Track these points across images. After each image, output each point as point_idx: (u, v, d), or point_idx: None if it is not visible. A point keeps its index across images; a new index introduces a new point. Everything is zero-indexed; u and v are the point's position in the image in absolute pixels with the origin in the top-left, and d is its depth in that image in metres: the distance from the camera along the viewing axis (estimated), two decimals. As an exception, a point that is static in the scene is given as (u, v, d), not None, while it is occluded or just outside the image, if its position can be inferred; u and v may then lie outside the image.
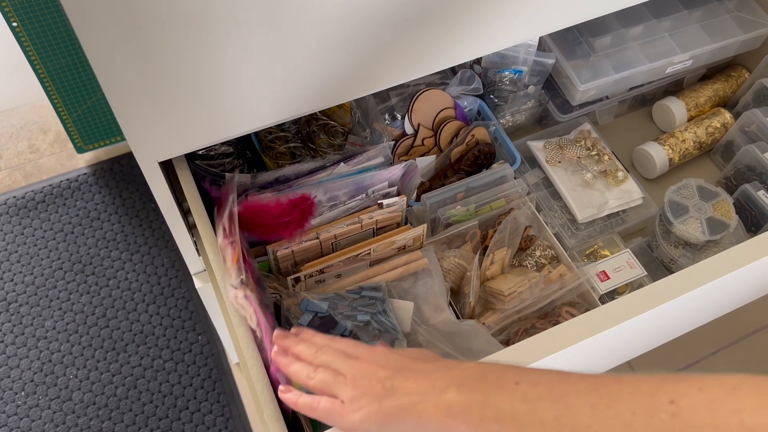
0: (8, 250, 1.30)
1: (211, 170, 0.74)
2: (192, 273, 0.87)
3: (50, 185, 1.39)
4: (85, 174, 1.40)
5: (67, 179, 1.39)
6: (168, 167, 0.71)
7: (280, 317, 0.71)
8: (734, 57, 1.00)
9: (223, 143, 0.80)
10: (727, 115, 0.95)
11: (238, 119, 0.65)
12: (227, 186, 0.68)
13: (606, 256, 0.83)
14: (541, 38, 0.90)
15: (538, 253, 0.83)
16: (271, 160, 0.82)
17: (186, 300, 1.25)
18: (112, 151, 1.44)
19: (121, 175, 1.41)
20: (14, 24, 1.10)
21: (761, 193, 0.84)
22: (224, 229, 0.66)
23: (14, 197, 1.37)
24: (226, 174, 0.71)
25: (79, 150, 1.39)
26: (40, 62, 1.17)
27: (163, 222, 1.34)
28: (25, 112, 1.50)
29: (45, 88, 1.22)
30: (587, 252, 0.85)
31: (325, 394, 0.51)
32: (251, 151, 0.82)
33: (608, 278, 0.80)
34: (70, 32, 1.14)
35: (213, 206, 0.71)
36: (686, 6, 0.91)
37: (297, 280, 0.73)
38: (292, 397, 0.54)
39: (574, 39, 0.88)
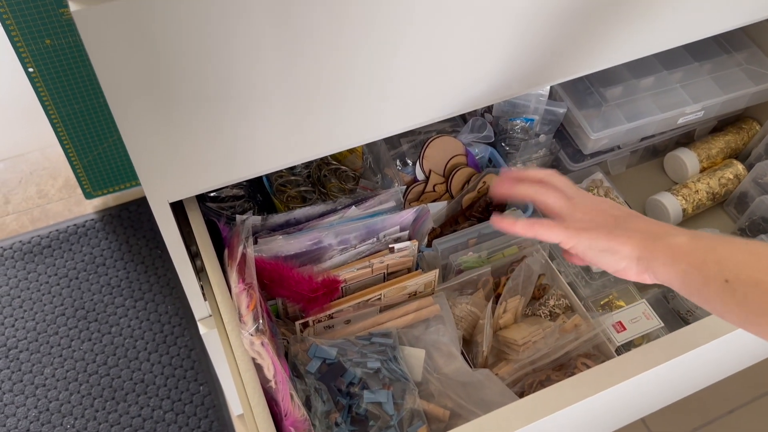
0: (11, 294, 1.29)
1: (222, 212, 0.74)
2: (197, 318, 0.85)
3: (57, 230, 1.38)
4: (92, 219, 1.40)
5: (74, 224, 1.39)
6: (178, 210, 0.70)
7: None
8: (745, 109, 1.00)
9: (233, 186, 0.80)
10: (739, 167, 0.94)
11: (250, 162, 0.64)
12: (238, 227, 0.67)
13: (621, 306, 0.81)
14: (552, 87, 0.90)
15: (552, 303, 0.81)
16: (281, 204, 0.82)
17: (189, 349, 1.22)
18: (121, 198, 1.44)
19: (128, 221, 1.40)
20: (30, 69, 1.11)
21: (778, 244, 0.82)
22: (240, 273, 0.65)
23: (20, 242, 1.36)
24: (237, 216, 0.70)
25: (88, 196, 1.39)
26: (53, 107, 1.18)
27: (169, 269, 1.33)
28: (36, 158, 1.51)
29: (57, 133, 1.23)
30: (602, 302, 0.83)
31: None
32: (262, 194, 0.82)
33: (624, 329, 0.78)
34: (84, 79, 1.15)
35: (222, 250, 0.70)
36: (696, 58, 0.92)
37: (305, 325, 0.71)
38: (508, 220, 0.57)
39: (585, 89, 0.89)
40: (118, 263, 1.35)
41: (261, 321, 0.60)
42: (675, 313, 0.83)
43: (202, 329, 0.86)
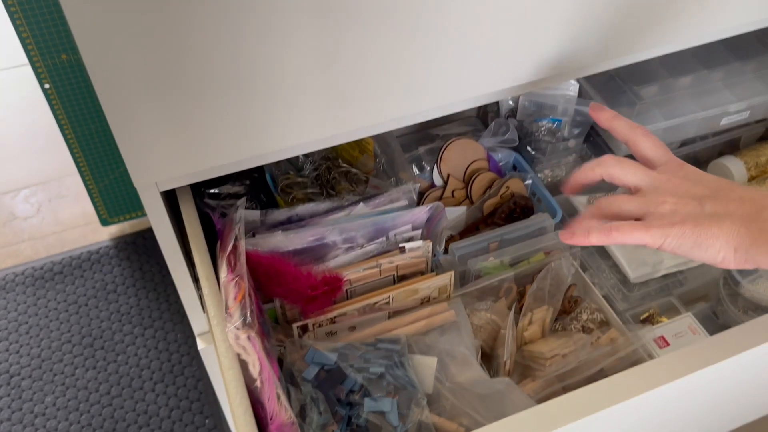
0: (18, 321, 1.24)
1: (218, 206, 0.68)
2: (196, 333, 0.78)
3: (70, 257, 1.34)
4: (107, 246, 1.36)
5: (88, 251, 1.35)
6: (174, 208, 0.65)
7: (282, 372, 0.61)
8: (796, 116, 0.92)
9: (235, 183, 0.74)
10: (793, 175, 0.85)
11: (250, 144, 0.59)
12: (231, 215, 0.61)
13: (663, 322, 0.72)
14: (581, 88, 0.84)
15: (584, 317, 0.72)
16: (286, 205, 0.76)
17: (196, 380, 1.15)
18: (137, 225, 1.41)
19: (143, 248, 1.36)
20: (46, 86, 1.10)
21: (844, 254, 0.73)
22: (229, 263, 0.58)
23: (33, 268, 1.32)
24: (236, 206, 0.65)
25: (104, 222, 1.36)
26: (69, 127, 1.16)
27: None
28: (55, 187, 1.49)
29: (73, 154, 1.21)
30: (642, 317, 0.74)
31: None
32: (266, 194, 0.76)
33: (668, 345, 0.69)
34: (101, 95, 1.14)
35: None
36: (739, 57, 0.85)
37: (304, 329, 0.64)
38: (580, 233, 0.50)
39: (617, 87, 0.82)
40: (130, 290, 1.30)
41: (249, 314, 0.53)
42: (725, 329, 0.73)
43: (201, 344, 0.78)
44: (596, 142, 0.85)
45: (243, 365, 0.53)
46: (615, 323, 0.70)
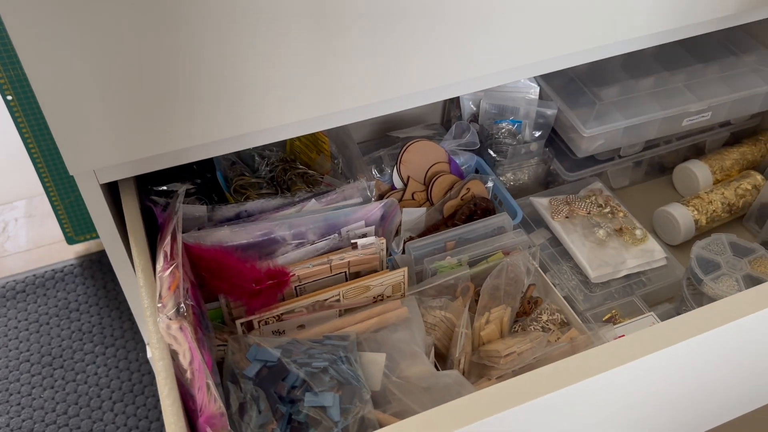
0: (-24, 340, 1.20)
1: (161, 200, 0.66)
2: (146, 342, 0.75)
3: (33, 275, 1.31)
4: (71, 265, 1.33)
5: (52, 270, 1.32)
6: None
7: (222, 373, 0.58)
8: (761, 120, 0.92)
9: (185, 182, 0.72)
10: (758, 177, 0.85)
11: (195, 132, 0.57)
12: (172, 204, 0.59)
13: (626, 322, 0.70)
14: (541, 90, 0.83)
15: (545, 318, 0.70)
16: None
17: (156, 399, 1.11)
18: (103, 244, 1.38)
19: (108, 267, 1.33)
20: (9, 97, 1.09)
21: (808, 252, 0.71)
22: (165, 254, 0.56)
23: (-6, 286, 1.29)
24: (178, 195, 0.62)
25: (70, 241, 1.33)
26: (33, 140, 1.14)
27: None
28: (22, 207, 1.46)
29: (38, 169, 1.19)
30: (604, 318, 0.72)
31: None
32: (218, 194, 0.74)
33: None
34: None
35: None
36: (700, 60, 0.85)
37: (250, 327, 0.61)
38: None
39: (577, 89, 0.81)
40: (92, 309, 1.26)
41: (182, 304, 0.51)
42: (691, 332, 0.71)
43: (150, 352, 0.75)
44: (557, 144, 0.84)
45: (174, 356, 0.50)
46: (575, 323, 0.68)
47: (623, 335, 0.68)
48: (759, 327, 0.55)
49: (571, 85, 0.81)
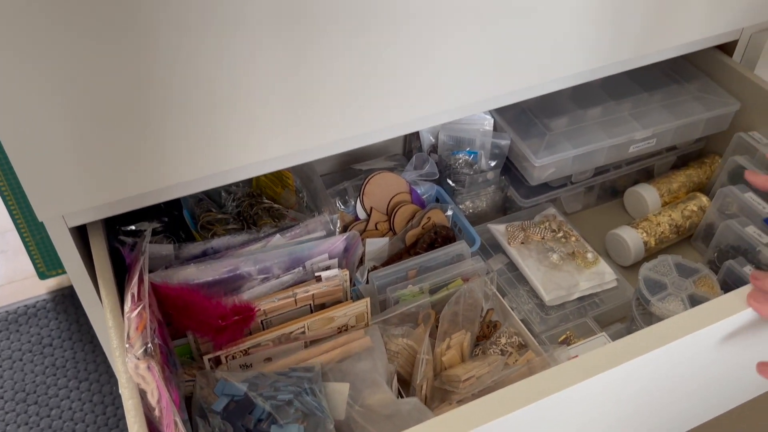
0: (-52, 378, 1.20)
1: (128, 240, 0.68)
2: (117, 377, 0.77)
3: (6, 312, 1.31)
4: (44, 300, 1.34)
5: (25, 305, 1.32)
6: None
7: (191, 408, 0.61)
8: (706, 144, 0.97)
9: (152, 221, 0.74)
10: (703, 198, 0.89)
11: (159, 176, 0.60)
12: (138, 246, 0.61)
13: (580, 342, 0.73)
14: (495, 122, 0.87)
15: (503, 341, 0.73)
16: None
17: None
18: (77, 277, 1.38)
19: (80, 301, 1.33)
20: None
21: (747, 269, 0.76)
22: (133, 295, 0.58)
23: (-35, 324, 1.28)
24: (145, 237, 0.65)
25: (42, 276, 1.33)
26: (1, 174, 1.15)
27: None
28: (-7, 241, 1.47)
29: (7, 204, 1.19)
30: (559, 340, 0.75)
31: None
32: (185, 232, 0.76)
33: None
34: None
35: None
36: (645, 89, 0.90)
37: (217, 362, 0.63)
38: None
39: (528, 121, 0.86)
40: (66, 343, 1.26)
41: (150, 344, 0.53)
42: (642, 349, 0.75)
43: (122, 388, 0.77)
44: (513, 172, 0.88)
45: (143, 394, 0.52)
46: (532, 345, 0.71)
47: (576, 356, 0.71)
48: (697, 345, 0.58)
49: (523, 116, 0.86)
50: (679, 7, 0.75)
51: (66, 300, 1.34)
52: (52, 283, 1.37)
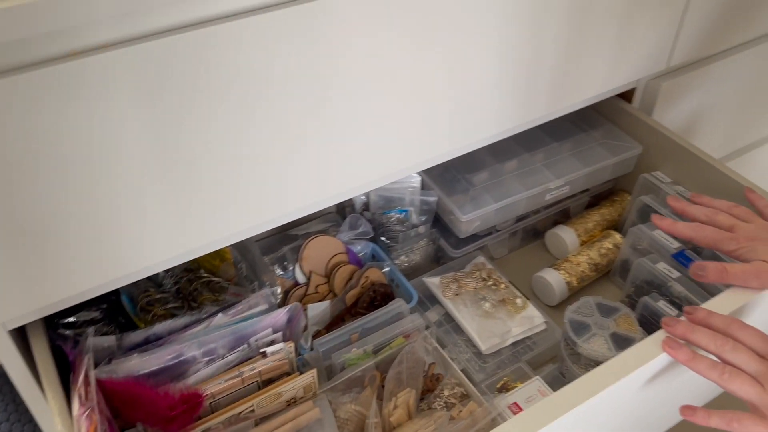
0: None
1: (69, 337, 0.68)
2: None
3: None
4: (-29, 380, 1.27)
5: (-51, 388, 1.26)
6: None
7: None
8: (615, 183, 1.04)
9: (90, 309, 0.74)
10: (617, 236, 0.96)
11: (90, 274, 0.60)
12: (81, 346, 0.62)
13: (517, 388, 0.78)
14: (423, 180, 0.92)
15: (446, 393, 0.76)
16: (146, 324, 0.76)
17: None
18: None
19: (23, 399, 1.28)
20: None
21: (662, 304, 0.83)
22: (80, 396, 0.58)
23: None
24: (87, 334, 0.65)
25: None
26: None
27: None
28: None
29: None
30: (498, 386, 0.79)
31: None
32: (124, 316, 0.76)
33: (521, 410, 0.74)
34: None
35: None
36: (556, 139, 0.97)
37: (168, 451, 0.64)
38: (701, 413, 0.60)
39: (452, 177, 0.90)
40: (3, 425, 1.21)
41: (102, 446, 0.53)
42: (575, 388, 0.80)
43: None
44: (442, 224, 0.92)
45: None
46: (474, 395, 0.75)
47: (515, 402, 0.76)
48: (626, 388, 0.64)
49: (447, 173, 0.91)
50: (582, 67, 0.81)
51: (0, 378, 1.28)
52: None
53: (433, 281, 0.89)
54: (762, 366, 0.58)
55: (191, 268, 0.83)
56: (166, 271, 0.82)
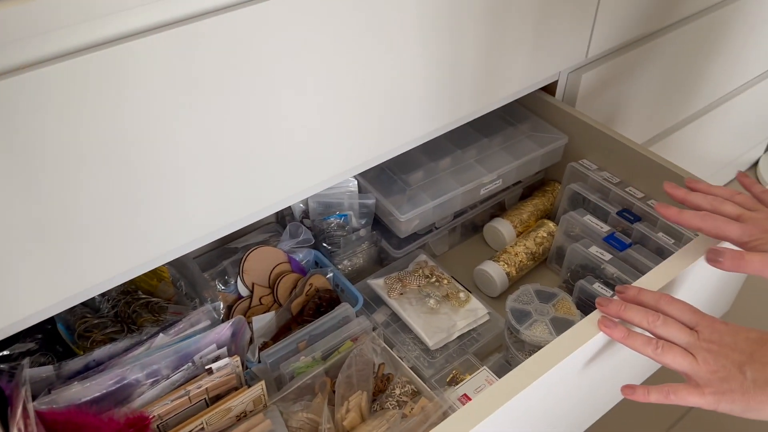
0: None
1: (9, 368, 0.65)
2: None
3: None
4: None
5: None
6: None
7: None
8: (545, 173, 1.08)
9: (26, 341, 0.71)
10: (550, 224, 0.99)
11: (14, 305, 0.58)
12: (17, 378, 0.59)
13: (465, 379, 0.79)
14: (359, 183, 0.92)
15: (398, 392, 0.77)
16: (85, 352, 0.74)
17: None
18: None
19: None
20: None
21: (597, 286, 0.86)
22: (19, 430, 0.56)
23: None
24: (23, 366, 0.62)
25: None
26: None
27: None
28: None
29: None
30: (447, 380, 0.81)
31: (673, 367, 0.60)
32: (62, 345, 0.74)
33: (470, 400, 0.75)
34: None
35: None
36: (486, 135, 0.99)
37: (117, 477, 0.62)
38: (641, 390, 0.61)
39: (389, 179, 0.91)
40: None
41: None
42: (521, 374, 0.82)
43: None
44: (382, 226, 0.93)
45: None
46: (424, 391, 0.76)
47: (464, 394, 0.77)
48: (566, 370, 0.66)
49: (383, 175, 0.91)
50: (504, 64, 0.84)
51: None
52: None
53: (377, 283, 0.90)
54: (692, 337, 0.61)
55: (128, 290, 0.81)
56: (102, 295, 0.80)
